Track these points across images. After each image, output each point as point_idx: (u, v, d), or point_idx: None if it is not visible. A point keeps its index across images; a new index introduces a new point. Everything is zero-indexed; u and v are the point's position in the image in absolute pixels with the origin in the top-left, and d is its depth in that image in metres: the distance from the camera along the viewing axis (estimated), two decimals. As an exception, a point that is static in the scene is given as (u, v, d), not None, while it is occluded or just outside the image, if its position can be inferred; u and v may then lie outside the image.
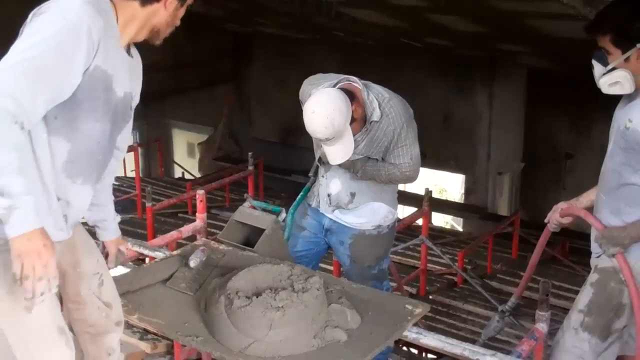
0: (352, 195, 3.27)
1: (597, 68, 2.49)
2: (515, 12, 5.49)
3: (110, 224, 2.42)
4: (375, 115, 3.08)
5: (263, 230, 2.95)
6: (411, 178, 3.22)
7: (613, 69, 2.44)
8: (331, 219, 3.34)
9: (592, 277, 2.67)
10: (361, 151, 3.14)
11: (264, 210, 3.29)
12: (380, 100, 3.10)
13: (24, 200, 1.68)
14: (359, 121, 3.07)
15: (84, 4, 1.83)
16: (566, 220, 2.82)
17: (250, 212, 3.11)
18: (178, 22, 2.12)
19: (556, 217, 2.82)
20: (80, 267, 2.25)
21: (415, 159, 3.16)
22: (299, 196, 3.46)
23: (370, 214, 3.29)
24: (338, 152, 3.02)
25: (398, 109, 3.10)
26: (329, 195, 3.31)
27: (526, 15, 5.58)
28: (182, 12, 2.12)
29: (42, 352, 1.94)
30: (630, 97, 2.51)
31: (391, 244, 3.54)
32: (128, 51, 2.07)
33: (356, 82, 3.12)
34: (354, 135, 3.05)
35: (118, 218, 2.47)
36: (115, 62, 1.95)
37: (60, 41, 1.77)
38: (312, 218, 3.39)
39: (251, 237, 3.01)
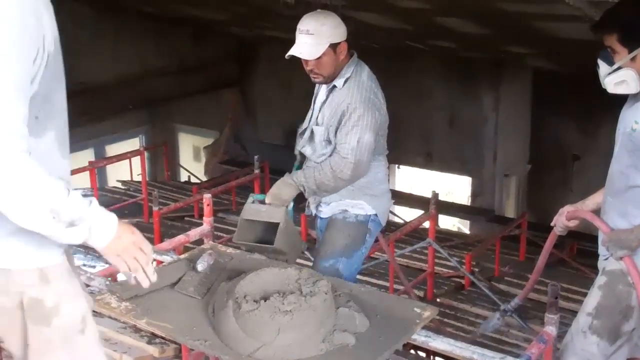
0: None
1: (603, 67, 2.48)
2: (520, 14, 5.48)
3: None
4: (339, 82, 3.10)
5: (275, 224, 2.93)
6: (352, 166, 3.01)
7: (619, 68, 2.43)
8: (320, 218, 3.36)
9: (600, 279, 2.66)
10: (325, 117, 3.14)
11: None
12: (354, 75, 3.11)
13: (90, 213, 1.68)
14: (332, 63, 3.07)
15: None
16: (573, 224, 2.81)
17: (257, 207, 3.08)
18: None
19: (563, 220, 2.81)
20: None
21: (362, 145, 3.00)
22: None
23: (339, 199, 3.22)
24: (303, 48, 3.01)
25: (362, 91, 3.07)
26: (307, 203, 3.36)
27: (532, 17, 5.56)
28: None
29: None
30: (636, 98, 2.50)
31: (358, 242, 3.23)
32: None
33: (353, 52, 3.18)
34: (318, 79, 3.12)
35: None
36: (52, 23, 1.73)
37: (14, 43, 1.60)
38: (318, 229, 3.44)
39: (265, 233, 3.01)
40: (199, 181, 10.55)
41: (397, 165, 11.15)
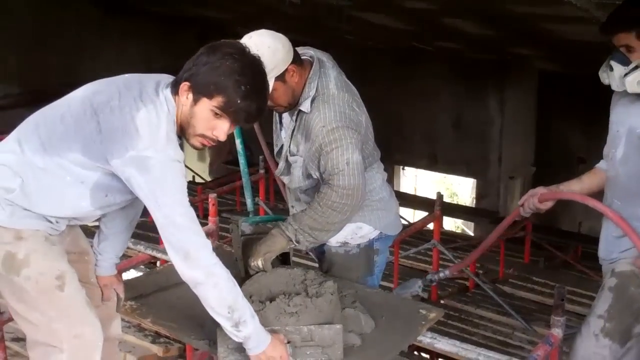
0: None
1: (618, 69, 2.43)
2: (526, 15, 5.47)
3: (103, 259, 2.53)
4: (305, 106, 2.65)
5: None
6: (350, 193, 2.56)
7: (637, 66, 2.39)
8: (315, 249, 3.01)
9: (610, 281, 2.61)
10: (301, 147, 2.72)
11: (266, 222, 2.80)
12: (320, 92, 2.66)
13: (252, 324, 2.10)
14: (287, 92, 2.64)
15: (167, 148, 2.10)
16: (544, 206, 2.75)
17: (255, 242, 2.62)
18: (198, 128, 2.17)
19: (534, 202, 2.75)
20: (85, 253, 2.49)
21: (352, 167, 2.55)
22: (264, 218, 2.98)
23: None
24: None
25: (334, 107, 2.62)
26: None
27: (538, 19, 5.55)
28: (199, 112, 2.14)
29: (78, 322, 2.22)
30: (637, 98, 2.48)
31: (369, 268, 2.95)
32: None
33: (313, 57, 2.72)
34: (279, 110, 2.73)
35: (117, 260, 2.58)
36: None
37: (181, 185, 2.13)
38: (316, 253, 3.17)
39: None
40: (203, 181, 10.55)
41: (402, 167, 11.15)
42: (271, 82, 2.48)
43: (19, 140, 2.18)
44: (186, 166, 11.99)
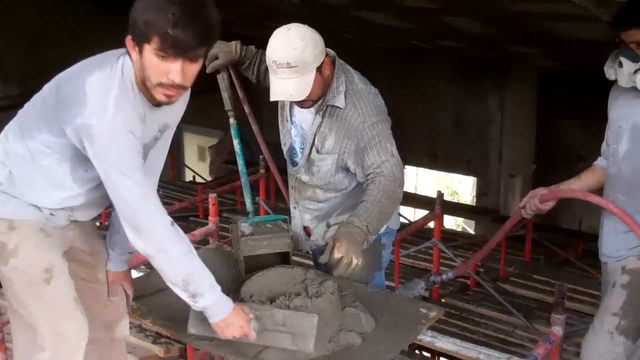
0: (329, 225, 2.90)
1: (627, 65, 2.42)
2: (526, 14, 5.46)
3: (114, 255, 2.48)
4: (339, 101, 2.65)
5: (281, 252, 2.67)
6: (401, 183, 2.62)
7: None
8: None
9: (622, 278, 2.59)
10: (331, 145, 2.71)
11: (266, 222, 2.77)
12: (350, 88, 2.67)
13: (211, 295, 2.08)
14: (322, 84, 2.62)
15: (115, 117, 1.95)
16: (546, 207, 2.76)
17: (258, 242, 2.63)
18: (153, 78, 1.99)
19: (535, 202, 2.75)
20: (97, 253, 2.43)
21: (396, 155, 2.63)
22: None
23: None
24: (290, 87, 2.53)
25: (367, 100, 2.66)
26: (304, 228, 2.96)
27: (538, 17, 5.55)
28: (147, 62, 1.96)
29: (62, 318, 2.17)
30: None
31: (377, 263, 2.96)
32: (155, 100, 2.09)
33: (333, 56, 2.72)
34: (307, 105, 2.69)
35: (128, 256, 2.52)
36: (145, 129, 2.09)
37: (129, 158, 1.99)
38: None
39: (269, 261, 2.65)
40: (203, 181, 10.56)
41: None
42: (313, 72, 2.53)
43: (7, 130, 2.18)
44: (186, 166, 12.08)
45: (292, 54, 2.48)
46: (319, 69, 2.57)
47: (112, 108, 1.94)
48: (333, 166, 2.75)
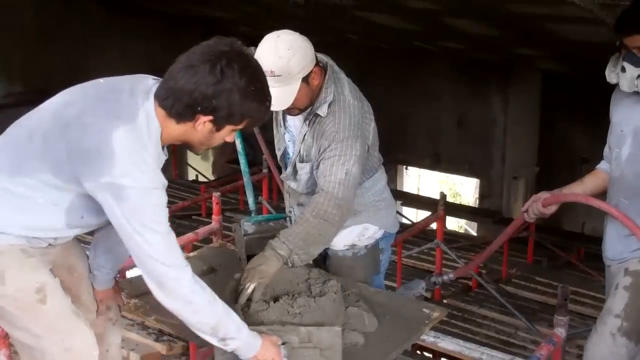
0: None
1: (630, 70, 2.42)
2: (530, 16, 5.46)
3: (100, 275, 2.42)
4: (322, 110, 2.61)
5: None
6: (339, 203, 2.52)
7: None
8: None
9: (625, 280, 2.59)
10: (312, 152, 2.69)
11: (268, 221, 2.81)
12: (337, 97, 2.63)
13: (240, 336, 2.08)
14: (308, 94, 2.59)
15: (147, 177, 1.93)
16: (548, 211, 2.75)
17: (259, 240, 2.65)
18: (215, 144, 2.11)
19: (538, 207, 2.75)
20: (77, 271, 2.35)
21: (350, 178, 2.54)
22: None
23: (343, 231, 2.78)
24: (274, 92, 2.28)
25: (349, 115, 2.61)
26: None
27: (541, 19, 5.55)
28: (220, 136, 2.06)
29: (67, 334, 2.11)
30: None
31: (375, 267, 2.98)
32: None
33: (323, 61, 2.69)
34: (294, 112, 2.67)
35: (112, 274, 2.45)
36: None
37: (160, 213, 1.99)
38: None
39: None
40: (206, 180, 10.56)
41: (405, 167, 11.14)
42: (298, 83, 2.50)
43: None
44: (189, 165, 12.08)
45: (277, 62, 2.45)
46: (306, 79, 2.54)
47: (143, 168, 1.92)
48: (309, 174, 2.75)
